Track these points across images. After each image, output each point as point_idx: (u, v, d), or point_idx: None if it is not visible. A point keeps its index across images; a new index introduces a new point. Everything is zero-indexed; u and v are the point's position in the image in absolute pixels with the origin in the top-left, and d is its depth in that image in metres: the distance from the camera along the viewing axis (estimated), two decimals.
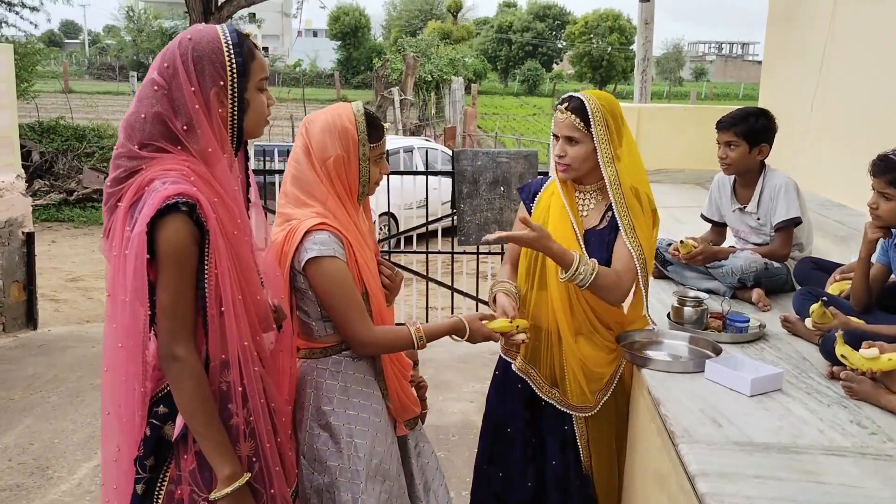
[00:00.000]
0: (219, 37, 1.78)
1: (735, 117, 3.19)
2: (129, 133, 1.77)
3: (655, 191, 6.41)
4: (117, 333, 1.77)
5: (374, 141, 2.25)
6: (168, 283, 1.72)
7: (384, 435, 2.32)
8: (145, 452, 1.85)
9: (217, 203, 1.76)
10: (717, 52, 71.37)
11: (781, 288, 3.13)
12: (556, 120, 2.47)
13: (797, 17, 6.03)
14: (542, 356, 2.57)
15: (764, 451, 1.84)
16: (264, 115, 1.89)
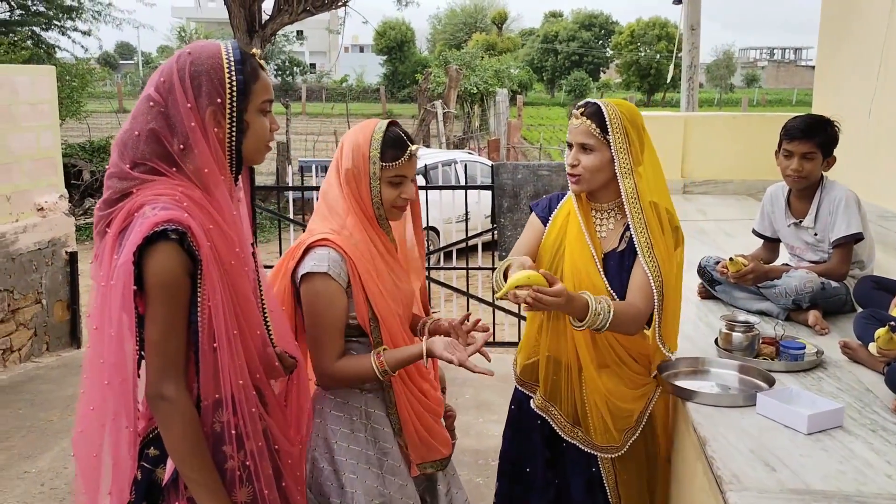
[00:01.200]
0: (220, 53, 1.68)
1: (812, 125, 2.94)
2: (121, 151, 1.66)
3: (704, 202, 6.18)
4: (103, 369, 1.64)
5: (388, 161, 2.14)
6: (157, 317, 1.60)
7: (392, 475, 2.19)
8: (136, 497, 1.73)
9: (213, 230, 1.64)
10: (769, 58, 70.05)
11: (840, 309, 2.89)
12: (571, 126, 2.29)
13: (852, 19, 5.75)
14: (563, 392, 2.37)
15: (824, 501, 1.64)
16: (265, 140, 1.76)
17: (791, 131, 2.96)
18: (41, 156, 6.61)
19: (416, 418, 2.24)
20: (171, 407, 1.62)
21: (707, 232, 4.73)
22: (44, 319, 6.52)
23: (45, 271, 6.52)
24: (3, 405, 5.17)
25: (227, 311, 1.65)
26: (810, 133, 2.92)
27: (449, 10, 57.29)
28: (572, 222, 2.34)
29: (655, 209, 2.25)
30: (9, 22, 15.83)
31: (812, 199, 3.02)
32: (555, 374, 2.37)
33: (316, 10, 13.87)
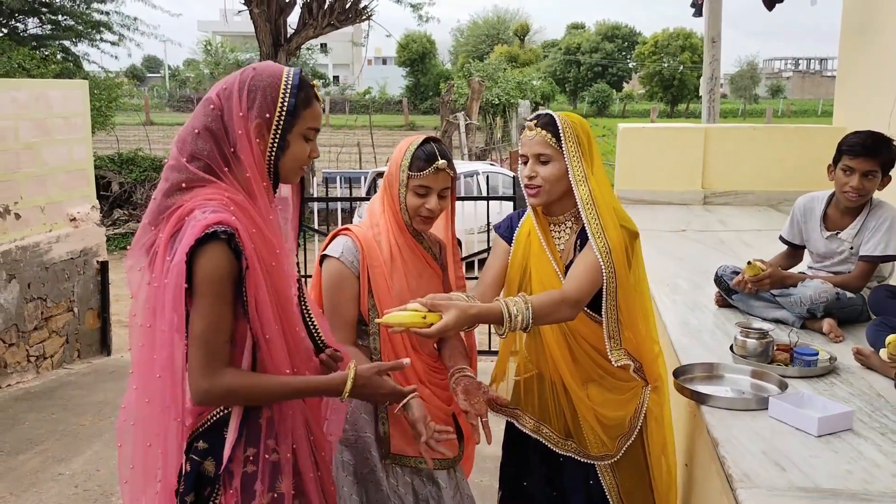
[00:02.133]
0: (281, 74, 1.81)
1: (877, 144, 2.91)
2: (181, 146, 1.80)
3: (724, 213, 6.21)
4: (155, 364, 1.76)
5: (414, 171, 2.30)
6: (202, 311, 1.71)
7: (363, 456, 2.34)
8: (186, 488, 1.83)
9: (255, 234, 1.75)
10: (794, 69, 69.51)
11: (856, 318, 2.93)
12: (525, 138, 2.28)
13: (871, 29, 5.78)
14: (551, 408, 2.36)
15: (831, 498, 1.70)
16: (302, 162, 1.87)
17: (855, 148, 2.93)
18: (74, 168, 6.80)
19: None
20: (224, 389, 1.73)
21: (726, 242, 4.77)
22: (75, 327, 6.69)
23: (76, 280, 6.69)
24: (37, 410, 5.32)
25: (270, 307, 1.76)
26: (875, 151, 2.91)
27: (471, 23, 57.61)
28: (534, 239, 2.35)
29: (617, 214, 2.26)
30: (40, 36, 16.20)
31: (857, 215, 3.02)
32: (539, 392, 2.37)
33: (340, 24, 14.04)
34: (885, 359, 2.31)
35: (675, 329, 2.96)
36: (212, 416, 1.83)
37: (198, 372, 1.72)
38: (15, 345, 5.98)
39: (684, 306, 3.30)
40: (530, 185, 2.26)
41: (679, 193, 6.24)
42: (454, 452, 2.41)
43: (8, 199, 5.99)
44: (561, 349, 2.29)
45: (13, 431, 4.90)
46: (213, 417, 1.83)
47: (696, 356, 2.62)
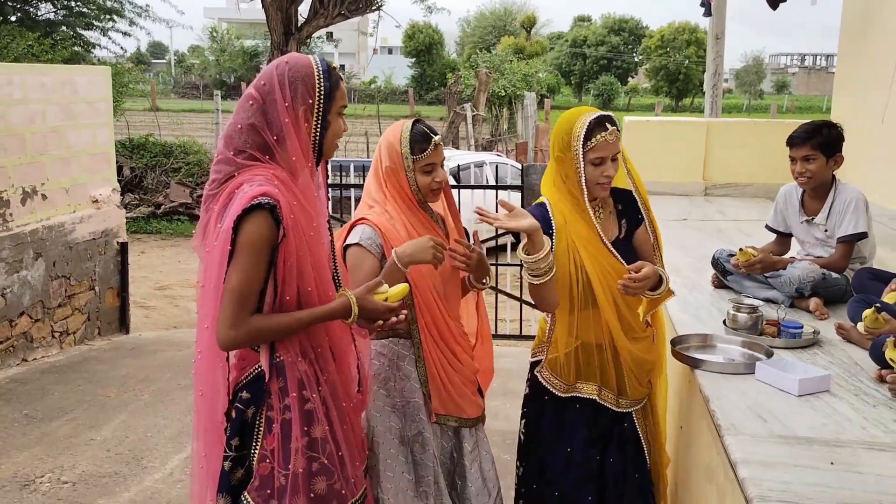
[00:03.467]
0: (312, 64, 2.05)
1: (808, 131, 3.23)
2: (227, 142, 2.04)
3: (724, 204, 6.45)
4: (204, 317, 2.03)
5: (417, 153, 2.54)
6: (239, 266, 1.94)
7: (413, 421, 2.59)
8: (231, 433, 2.09)
9: (296, 206, 1.99)
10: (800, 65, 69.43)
11: (841, 298, 3.17)
12: (608, 142, 2.48)
13: (868, 29, 6.00)
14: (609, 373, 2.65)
15: (806, 444, 1.95)
16: (339, 136, 2.13)
17: (791, 139, 3.27)
18: (97, 151, 7.04)
19: (443, 373, 2.60)
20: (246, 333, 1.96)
21: (724, 231, 5.02)
22: (96, 305, 6.94)
23: (98, 260, 6.93)
24: (64, 382, 5.58)
25: (304, 272, 2.01)
26: (806, 138, 3.22)
27: (478, 14, 57.66)
28: (572, 224, 2.59)
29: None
30: (52, 22, 16.41)
31: (825, 198, 3.29)
32: (600, 360, 2.65)
33: (351, 13, 14.26)
34: (862, 331, 2.56)
35: (675, 307, 3.20)
36: (254, 370, 2.08)
37: (227, 321, 1.94)
38: (40, 320, 6.23)
39: (683, 287, 3.53)
40: (608, 181, 2.55)
41: (681, 185, 6.48)
42: (477, 413, 2.69)
43: (35, 180, 6.23)
44: (612, 313, 2.58)
45: (43, 401, 5.16)
46: (255, 371, 2.08)
47: (693, 330, 2.87)
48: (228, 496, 2.08)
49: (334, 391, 2.13)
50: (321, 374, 2.10)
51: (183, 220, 13.90)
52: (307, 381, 2.06)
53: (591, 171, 2.52)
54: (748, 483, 1.75)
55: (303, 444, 2.04)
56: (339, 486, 2.09)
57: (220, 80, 44.92)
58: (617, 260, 2.58)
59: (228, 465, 2.08)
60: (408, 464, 2.58)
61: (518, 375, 5.81)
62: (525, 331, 7.22)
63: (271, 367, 2.05)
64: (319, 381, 2.09)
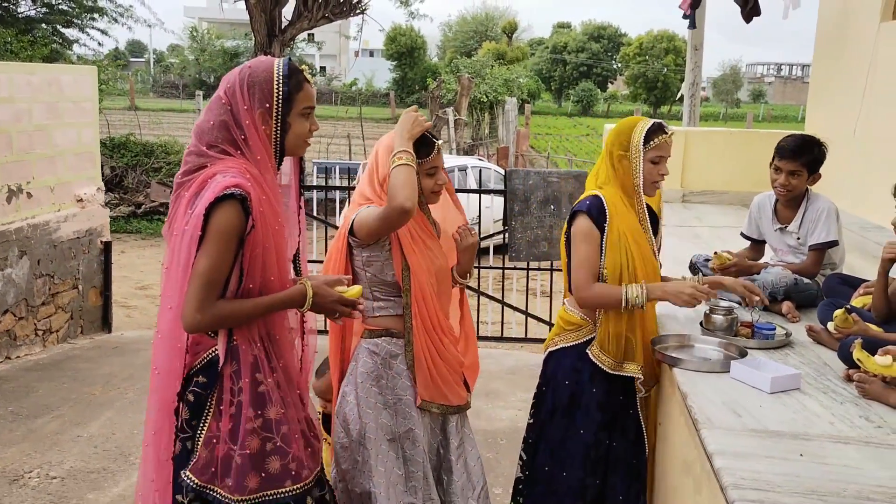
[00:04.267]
0: (272, 69, 2.16)
1: (800, 147, 3.32)
2: (199, 136, 2.16)
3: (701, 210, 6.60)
4: (168, 298, 2.13)
5: (422, 157, 2.63)
6: (209, 252, 2.04)
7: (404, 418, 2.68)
8: (191, 415, 2.19)
9: (264, 200, 2.11)
10: (776, 74, 70.37)
11: (812, 302, 3.31)
12: (667, 143, 2.83)
13: (842, 42, 6.19)
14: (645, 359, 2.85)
15: (776, 437, 2.07)
16: (304, 137, 2.24)
17: (782, 151, 3.35)
18: (82, 150, 7.06)
19: (430, 359, 2.71)
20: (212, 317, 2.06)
21: (701, 236, 5.16)
22: (79, 304, 6.96)
23: (82, 259, 6.95)
24: (48, 380, 5.60)
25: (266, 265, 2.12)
26: (799, 153, 3.31)
27: (460, 18, 57.89)
28: (623, 219, 2.81)
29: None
30: (32, 19, 16.31)
31: (798, 208, 3.43)
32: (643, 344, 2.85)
33: (335, 16, 14.32)
34: (832, 331, 2.69)
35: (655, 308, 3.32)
36: (207, 355, 2.20)
37: (193, 305, 2.05)
38: (24, 318, 6.25)
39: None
40: (662, 181, 2.87)
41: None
42: (461, 402, 2.80)
43: (21, 178, 6.24)
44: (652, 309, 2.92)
45: (29, 398, 5.18)
46: (208, 356, 2.19)
47: (672, 330, 3.00)
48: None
49: (288, 377, 2.24)
50: (276, 359, 2.21)
51: (163, 219, 13.82)
52: (261, 365, 2.16)
53: (649, 169, 2.82)
54: (723, 472, 1.86)
55: (257, 425, 2.15)
56: (294, 465, 2.20)
57: (200, 79, 44.71)
58: (655, 256, 2.85)
59: (179, 448, 2.19)
60: (398, 459, 2.67)
61: (498, 377, 5.98)
62: (506, 333, 7.33)
63: (227, 351, 2.15)
64: (273, 366, 2.20)
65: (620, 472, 2.85)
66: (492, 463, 4.41)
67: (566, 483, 2.88)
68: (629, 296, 2.71)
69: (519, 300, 7.59)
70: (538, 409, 3.02)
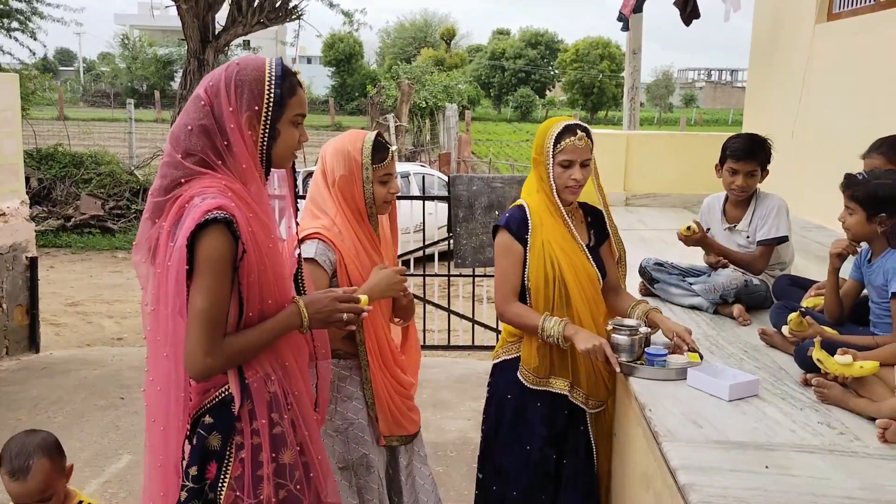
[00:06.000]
0: (264, 67, 1.91)
1: (754, 145, 3.29)
2: (174, 143, 1.90)
3: (644, 214, 6.60)
4: (161, 344, 1.88)
5: (377, 163, 2.49)
6: (204, 288, 1.80)
7: (356, 444, 2.52)
8: (190, 461, 1.95)
9: (252, 218, 1.87)
10: (707, 79, 72.15)
11: (762, 304, 3.29)
12: (576, 147, 2.63)
13: (778, 46, 6.27)
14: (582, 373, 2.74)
15: (740, 449, 2.00)
16: (293, 148, 2.00)
17: (737, 152, 3.29)
18: (4, 162, 6.70)
19: (389, 396, 2.57)
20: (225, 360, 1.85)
21: (647, 240, 5.14)
22: (4, 324, 6.59)
23: (5, 276, 6.59)
24: None
25: (263, 289, 1.90)
26: (753, 154, 3.28)
27: (398, 25, 57.78)
28: (548, 228, 2.70)
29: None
30: None
31: (747, 207, 3.40)
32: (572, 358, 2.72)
33: (270, 22, 14.05)
34: (787, 334, 2.64)
35: None
36: (219, 394, 1.94)
37: (201, 349, 1.81)
38: None
39: None
40: (578, 186, 2.67)
41: None
42: (416, 428, 2.70)
43: None
44: (588, 315, 2.71)
45: None
46: (220, 395, 1.94)
47: None
48: None
49: (302, 410, 2.03)
50: (289, 393, 1.99)
51: (94, 233, 13.36)
52: (276, 403, 1.95)
53: (560, 174, 2.65)
54: (689, 489, 1.78)
55: (271, 471, 1.93)
56: None
57: (133, 88, 43.58)
58: (590, 262, 2.70)
59: (184, 497, 1.94)
60: (351, 488, 2.52)
61: (447, 386, 5.86)
62: (453, 341, 7.23)
63: (242, 390, 1.92)
64: (288, 401, 1.98)
65: (571, 491, 2.75)
66: (442, 477, 4.28)
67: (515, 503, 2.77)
68: (545, 327, 2.61)
69: (465, 307, 7.50)
70: (484, 424, 2.93)
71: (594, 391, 2.75)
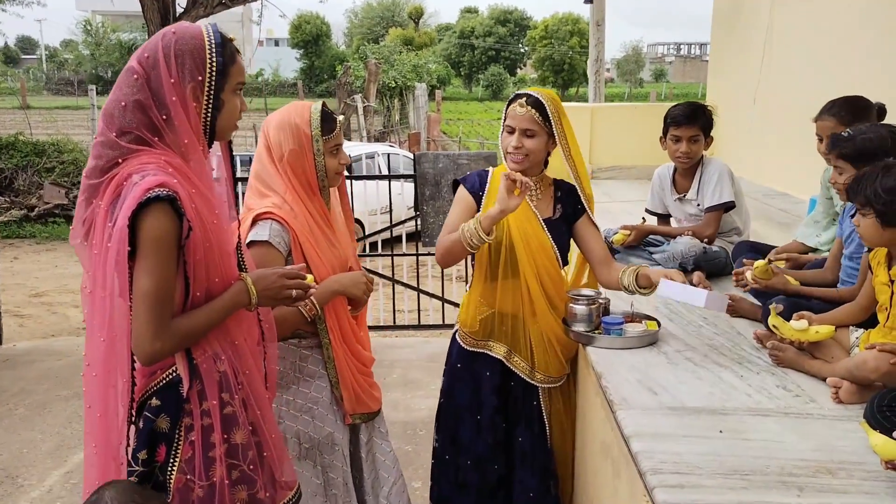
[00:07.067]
0: (203, 35, 1.81)
1: (694, 111, 3.29)
2: (108, 121, 1.79)
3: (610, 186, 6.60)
4: (99, 328, 1.79)
5: (327, 134, 2.41)
6: (150, 269, 1.72)
7: (321, 422, 2.46)
8: (138, 445, 1.87)
9: (195, 194, 1.79)
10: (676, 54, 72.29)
11: (722, 271, 3.28)
12: (515, 114, 2.59)
13: (739, 15, 6.26)
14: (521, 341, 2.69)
15: (694, 414, 1.98)
16: (236, 118, 1.92)
17: (677, 118, 3.31)
18: None
19: (352, 374, 2.52)
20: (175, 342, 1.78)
21: (611, 212, 5.12)
22: None
23: None
24: None
25: (210, 267, 1.83)
26: (694, 118, 3.28)
27: (365, 4, 57.19)
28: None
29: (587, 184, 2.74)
30: None
31: (694, 175, 3.39)
32: (513, 327, 2.68)
33: (232, 3, 13.73)
34: (750, 280, 2.61)
35: None
36: (166, 376, 1.87)
37: (149, 333, 1.73)
38: None
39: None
40: (517, 153, 2.59)
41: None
42: (378, 406, 2.66)
43: None
44: (536, 285, 2.63)
45: None
46: (167, 377, 1.87)
47: None
48: None
49: (253, 389, 1.96)
50: (239, 373, 1.93)
51: (59, 222, 13.12)
52: (226, 383, 1.88)
53: (504, 138, 2.63)
54: (641, 457, 1.76)
55: (223, 452, 1.87)
56: (263, 493, 1.94)
57: (97, 74, 42.79)
58: (543, 232, 2.64)
59: (135, 481, 1.87)
60: (316, 468, 2.47)
61: (417, 366, 5.82)
62: (423, 320, 7.19)
63: (190, 371, 1.85)
64: (238, 381, 1.92)
65: (528, 467, 2.73)
66: (411, 456, 4.26)
67: (469, 472, 2.77)
68: (463, 233, 2.49)
69: (435, 286, 7.46)
70: (441, 394, 2.91)
71: (542, 365, 2.69)
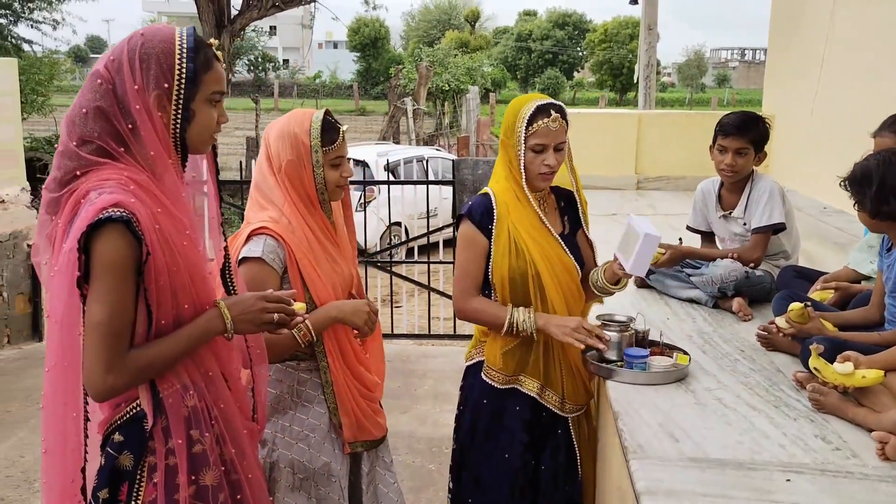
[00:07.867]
0: (173, 38, 1.65)
1: (745, 122, 3.05)
2: (69, 129, 1.64)
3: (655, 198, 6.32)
4: (48, 356, 1.65)
5: (327, 145, 2.26)
6: (101, 296, 1.57)
7: (318, 451, 2.29)
8: (99, 483, 1.72)
9: (161, 214, 1.63)
10: (740, 59, 70.70)
11: (766, 297, 3.02)
12: (550, 129, 2.33)
13: (797, 21, 5.94)
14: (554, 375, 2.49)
15: (718, 468, 1.77)
16: (211, 130, 1.74)
17: (726, 128, 3.05)
18: (2, 148, 6.61)
19: (353, 400, 2.35)
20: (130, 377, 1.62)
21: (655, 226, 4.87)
22: (5, 312, 6.52)
23: (6, 264, 6.51)
24: None
25: (178, 293, 1.66)
26: (744, 130, 3.02)
27: (423, 7, 57.31)
28: (515, 216, 2.42)
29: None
30: None
31: (742, 191, 3.13)
32: (544, 357, 2.47)
33: (285, 5, 13.83)
34: (783, 326, 2.37)
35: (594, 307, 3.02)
36: (130, 409, 1.72)
37: (101, 366, 1.58)
38: None
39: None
40: (551, 172, 2.38)
41: (613, 178, 6.33)
42: (382, 433, 2.48)
43: None
44: (564, 310, 2.43)
45: None
46: (131, 410, 1.72)
47: None
48: None
49: (229, 424, 1.79)
50: (212, 407, 1.76)
51: None
52: (195, 419, 1.72)
53: (532, 159, 2.36)
54: None
55: (189, 494, 1.71)
56: None
57: None
58: (565, 252, 2.43)
59: None
60: (310, 500, 2.31)
61: (450, 377, 5.64)
62: (459, 330, 7.02)
63: (155, 406, 1.69)
64: (212, 416, 1.75)
65: (552, 497, 2.52)
66: (434, 475, 4.09)
67: None
68: (516, 320, 2.35)
69: None
70: (458, 432, 2.67)
71: (571, 395, 2.50)
